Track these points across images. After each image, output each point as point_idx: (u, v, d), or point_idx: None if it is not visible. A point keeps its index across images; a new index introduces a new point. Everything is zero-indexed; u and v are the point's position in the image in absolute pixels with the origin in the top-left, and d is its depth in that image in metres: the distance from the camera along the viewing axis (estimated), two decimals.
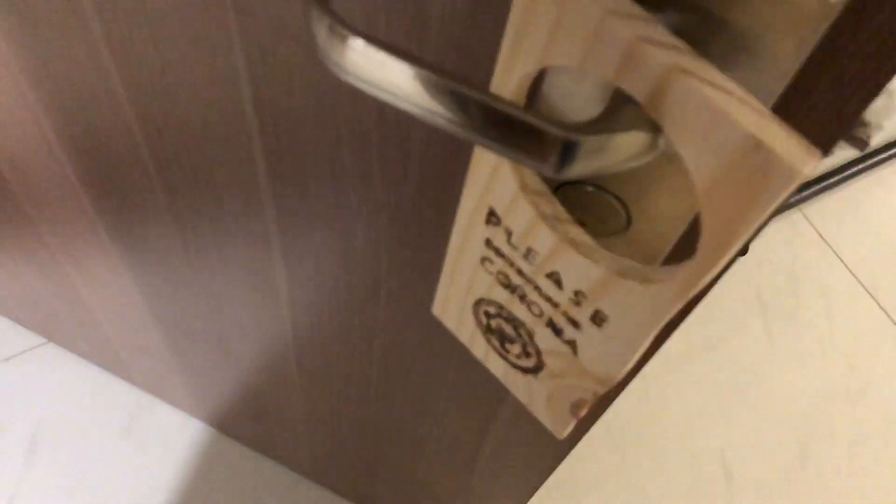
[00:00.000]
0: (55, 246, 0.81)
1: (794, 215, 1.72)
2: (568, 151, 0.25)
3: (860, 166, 1.73)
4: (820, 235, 1.70)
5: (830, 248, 1.68)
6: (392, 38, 0.35)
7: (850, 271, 1.65)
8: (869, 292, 1.62)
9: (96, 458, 1.18)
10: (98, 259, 0.78)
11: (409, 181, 0.44)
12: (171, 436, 1.19)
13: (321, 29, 0.26)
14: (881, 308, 1.60)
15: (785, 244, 1.67)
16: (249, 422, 1.03)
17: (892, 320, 1.59)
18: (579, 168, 0.25)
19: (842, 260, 1.66)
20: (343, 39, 0.26)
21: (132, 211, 0.65)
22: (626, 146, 0.25)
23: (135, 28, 0.44)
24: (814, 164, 0.23)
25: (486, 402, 0.59)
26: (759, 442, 1.38)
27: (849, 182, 1.76)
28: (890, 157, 1.77)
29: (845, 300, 1.61)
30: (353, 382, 0.72)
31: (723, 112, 0.22)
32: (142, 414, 1.21)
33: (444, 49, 0.34)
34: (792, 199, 1.71)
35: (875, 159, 1.74)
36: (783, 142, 0.22)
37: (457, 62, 0.34)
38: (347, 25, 0.25)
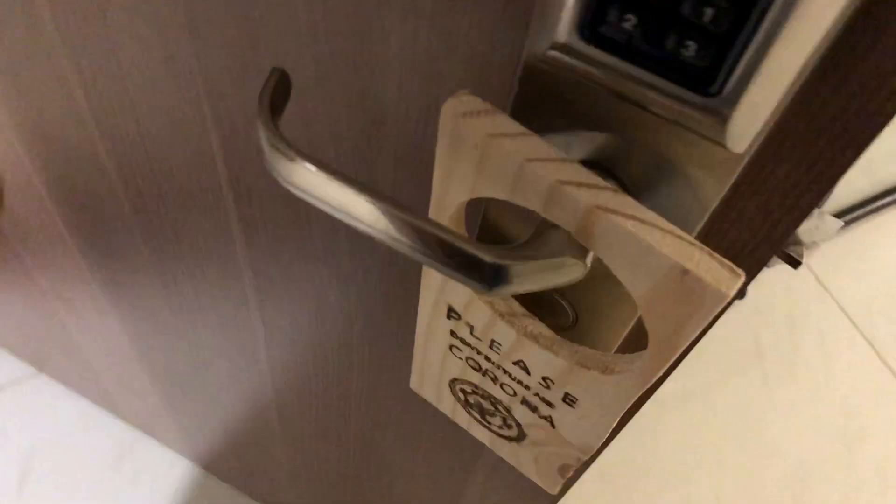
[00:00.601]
0: (46, 287, 0.82)
1: None
2: (498, 275, 0.26)
3: (859, 212, 1.74)
4: (819, 281, 1.69)
5: (829, 293, 1.68)
6: (353, 138, 0.36)
7: (849, 318, 1.64)
8: (867, 339, 1.62)
9: (87, 489, 1.18)
10: (87, 303, 0.79)
11: (376, 256, 0.45)
12: (160, 472, 1.20)
13: (268, 148, 0.27)
14: (878, 356, 1.59)
15: (783, 289, 1.67)
16: (235, 463, 1.04)
17: (889, 368, 1.58)
18: (512, 288, 0.26)
19: (840, 306, 1.66)
20: (289, 160, 0.27)
21: (119, 263, 0.66)
22: (555, 269, 0.26)
23: (117, 105, 0.45)
24: (739, 285, 0.24)
25: (464, 458, 0.60)
26: (753, 488, 1.37)
27: (848, 228, 1.76)
28: (890, 204, 1.77)
29: (843, 347, 1.60)
30: (332, 435, 0.73)
31: (647, 244, 0.24)
32: (132, 448, 1.22)
33: (400, 147, 0.35)
34: None
35: (875, 205, 1.75)
36: (708, 267, 0.23)
37: (412, 160, 0.35)
38: (293, 147, 0.27)
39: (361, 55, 0.31)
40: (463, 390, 0.39)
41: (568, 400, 0.33)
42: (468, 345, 0.35)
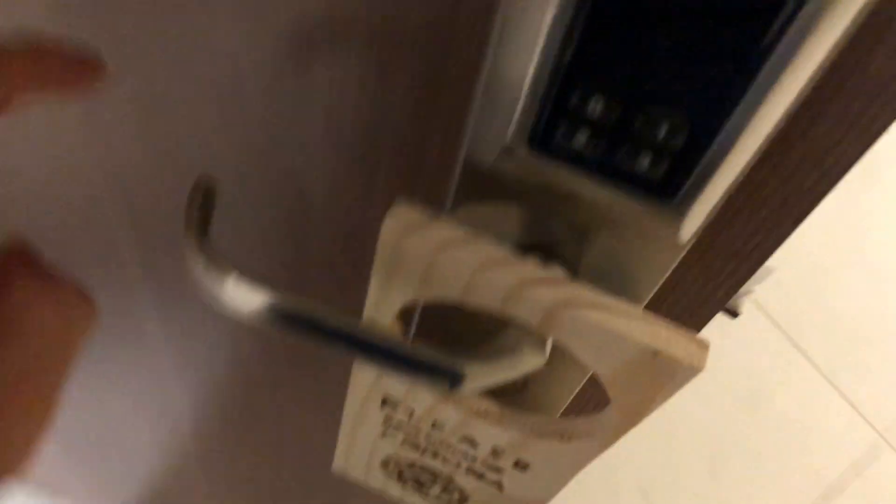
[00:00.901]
0: None
1: None
2: (458, 379, 0.25)
3: None
4: None
5: None
6: (278, 227, 0.34)
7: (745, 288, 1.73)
8: (761, 305, 1.71)
9: None
10: None
11: None
12: None
13: (197, 264, 0.25)
14: (772, 321, 1.69)
15: None
16: None
17: (783, 331, 1.68)
18: (471, 387, 0.26)
19: None
20: (220, 277, 0.25)
21: None
22: (514, 364, 0.26)
23: (16, 194, 0.42)
24: (706, 356, 0.24)
25: None
26: (671, 461, 1.43)
27: None
28: None
29: (742, 315, 1.69)
30: (265, 498, 0.70)
31: (613, 331, 0.23)
32: None
33: (331, 235, 0.34)
34: None
35: None
36: (677, 344, 0.23)
37: (342, 243, 0.34)
38: (231, 272, 0.25)
39: (283, 152, 0.30)
40: (398, 467, 0.38)
41: (520, 466, 0.33)
42: (404, 429, 0.34)
